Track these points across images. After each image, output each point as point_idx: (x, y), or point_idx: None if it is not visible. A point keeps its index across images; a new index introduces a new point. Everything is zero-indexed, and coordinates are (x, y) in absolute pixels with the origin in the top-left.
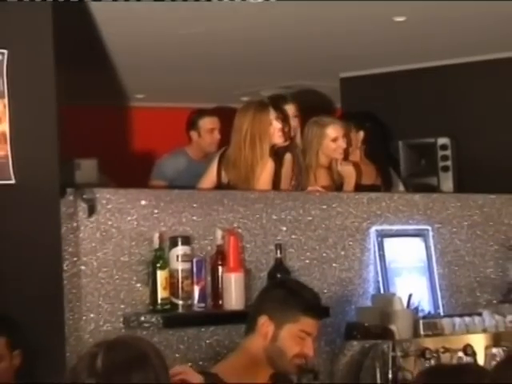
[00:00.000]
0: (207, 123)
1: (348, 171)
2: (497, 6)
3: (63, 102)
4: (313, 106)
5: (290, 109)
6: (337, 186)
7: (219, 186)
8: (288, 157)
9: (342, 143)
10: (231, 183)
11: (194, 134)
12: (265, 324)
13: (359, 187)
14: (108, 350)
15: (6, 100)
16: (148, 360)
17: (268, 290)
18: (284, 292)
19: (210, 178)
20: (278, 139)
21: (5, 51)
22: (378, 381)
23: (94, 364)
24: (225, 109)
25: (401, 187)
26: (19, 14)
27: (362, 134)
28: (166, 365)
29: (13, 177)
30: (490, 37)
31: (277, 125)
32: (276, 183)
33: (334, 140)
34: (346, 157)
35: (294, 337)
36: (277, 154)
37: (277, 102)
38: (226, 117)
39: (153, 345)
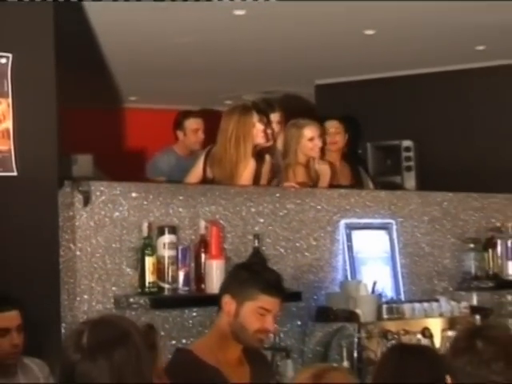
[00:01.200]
0: (192, 124)
1: (324, 170)
2: (455, 23)
3: (63, 103)
4: (295, 111)
5: (275, 116)
6: (313, 182)
7: (205, 181)
8: (268, 158)
9: (318, 142)
10: (216, 179)
11: (180, 134)
12: (228, 302)
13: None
14: (93, 328)
15: (9, 99)
16: (130, 338)
17: (233, 271)
18: (246, 273)
19: (196, 174)
20: (261, 140)
21: (9, 55)
22: (345, 359)
23: (80, 341)
24: (209, 111)
25: (370, 185)
26: (23, 20)
27: (346, 136)
28: (151, 343)
29: (15, 169)
30: (449, 50)
31: (259, 127)
32: (256, 180)
33: (311, 140)
34: (322, 155)
35: (254, 313)
36: (259, 154)
37: (262, 108)
38: (209, 118)
39: (135, 324)
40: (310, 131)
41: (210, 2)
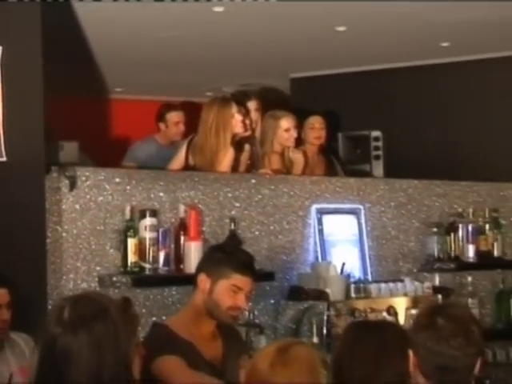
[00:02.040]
0: (174, 117)
1: (297, 158)
2: (422, 21)
3: (51, 92)
4: (272, 102)
5: (252, 104)
6: (287, 170)
7: (186, 168)
8: (247, 147)
9: (293, 133)
10: (197, 166)
11: (162, 125)
12: (203, 280)
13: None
14: (74, 304)
15: None
16: (109, 313)
17: (208, 252)
18: (221, 253)
19: (178, 161)
20: (239, 129)
21: (0, 47)
22: (315, 335)
23: (61, 315)
24: (189, 103)
25: (341, 173)
26: (12, 14)
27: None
28: (131, 318)
29: (4, 155)
30: (415, 46)
31: (238, 117)
32: (235, 168)
33: (287, 130)
34: (297, 145)
35: (227, 291)
36: (238, 143)
37: (240, 98)
38: (190, 109)
39: (114, 300)
40: (286, 122)
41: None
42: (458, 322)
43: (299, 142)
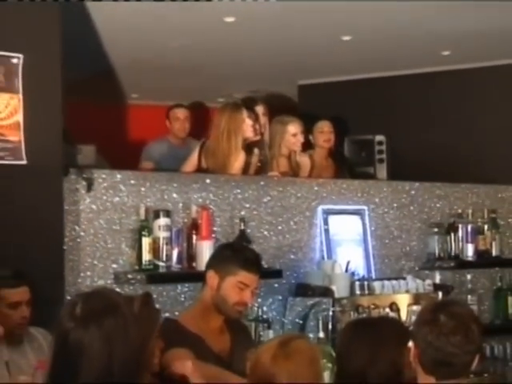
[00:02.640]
0: (175, 113)
1: (305, 161)
2: (424, 31)
3: (70, 98)
4: (279, 108)
5: (260, 109)
6: (294, 172)
7: (199, 170)
8: (256, 151)
9: (300, 138)
10: (210, 169)
11: (167, 123)
12: (211, 277)
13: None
14: (86, 299)
15: (20, 95)
16: (119, 309)
17: (217, 250)
18: (229, 251)
19: (191, 164)
20: (250, 134)
21: (20, 55)
22: (320, 330)
23: (74, 311)
24: (197, 104)
25: (348, 176)
26: (32, 23)
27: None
28: (151, 313)
29: (25, 158)
30: (418, 54)
31: (249, 122)
32: (246, 170)
33: (294, 135)
34: (304, 149)
35: (234, 287)
36: (248, 147)
37: (249, 104)
38: (198, 111)
39: (124, 297)
40: (293, 127)
41: (204, 11)
42: (458, 319)
43: (306, 146)
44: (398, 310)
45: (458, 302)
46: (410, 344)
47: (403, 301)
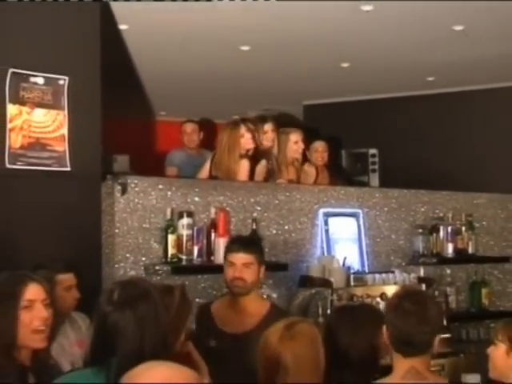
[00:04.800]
0: (185, 127)
1: (311, 171)
2: (412, 59)
3: (108, 114)
4: (286, 124)
5: (269, 126)
6: (298, 178)
7: (210, 177)
8: (263, 162)
9: (301, 145)
10: (219, 177)
11: (181, 136)
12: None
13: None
14: (122, 287)
15: (65, 112)
16: (150, 296)
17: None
18: (229, 240)
19: (205, 172)
20: (250, 145)
21: (66, 77)
22: (320, 316)
23: (112, 297)
24: (206, 120)
25: (345, 183)
26: (76, 49)
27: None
28: (188, 302)
29: (69, 165)
30: (406, 79)
31: (248, 135)
32: (251, 177)
33: (296, 143)
34: (304, 157)
35: (227, 268)
36: (255, 155)
37: (260, 121)
38: (207, 126)
39: (154, 285)
40: (294, 136)
41: (222, 40)
42: (418, 304)
43: (306, 154)
44: (387, 300)
45: (421, 292)
46: (384, 327)
47: (392, 291)
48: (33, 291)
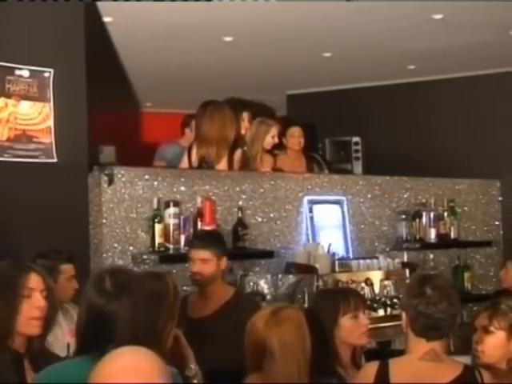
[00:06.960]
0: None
1: (267, 160)
2: (393, 48)
3: (94, 106)
4: (262, 114)
5: (246, 114)
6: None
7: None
8: (238, 151)
9: (276, 140)
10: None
11: (187, 130)
12: None
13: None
14: (112, 275)
15: (51, 104)
16: (142, 282)
17: None
18: None
19: (184, 164)
20: None
21: (51, 70)
22: (306, 302)
23: (103, 284)
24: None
25: (326, 171)
26: (61, 42)
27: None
28: (173, 285)
29: (55, 157)
30: (387, 68)
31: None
32: (230, 165)
33: (273, 137)
34: (280, 143)
35: (190, 263)
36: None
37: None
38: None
39: (150, 272)
40: (275, 130)
41: (205, 31)
42: (441, 290)
43: (279, 146)
44: (371, 285)
45: (437, 276)
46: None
47: (376, 276)
48: (33, 281)
